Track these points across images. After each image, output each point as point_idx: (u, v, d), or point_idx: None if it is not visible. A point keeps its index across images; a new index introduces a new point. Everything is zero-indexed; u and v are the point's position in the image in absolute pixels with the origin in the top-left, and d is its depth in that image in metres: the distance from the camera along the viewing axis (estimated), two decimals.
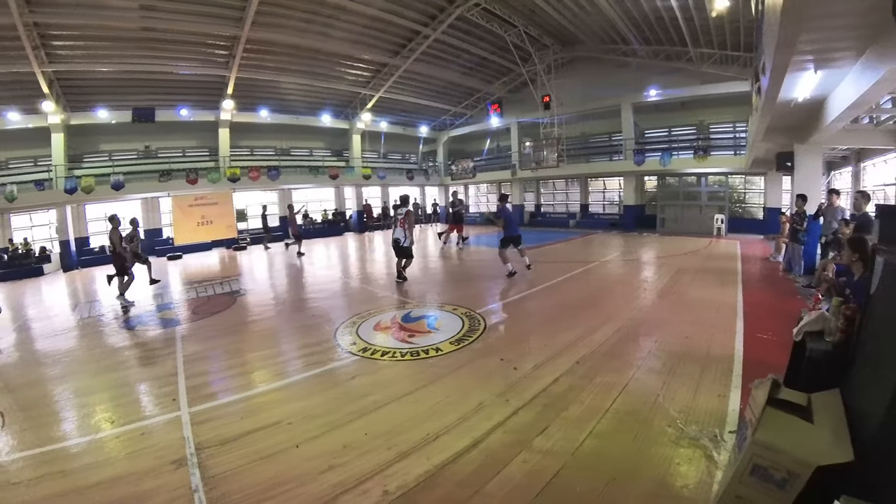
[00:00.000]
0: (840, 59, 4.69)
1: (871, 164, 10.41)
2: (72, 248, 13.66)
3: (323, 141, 21.52)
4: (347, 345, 4.58)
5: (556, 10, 14.27)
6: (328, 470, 2.40)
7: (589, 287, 7.11)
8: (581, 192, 19.73)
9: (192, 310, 6.64)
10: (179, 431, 2.88)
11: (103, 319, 6.37)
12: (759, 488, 1.75)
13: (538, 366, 3.83)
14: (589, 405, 3.08)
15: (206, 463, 2.50)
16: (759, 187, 15.52)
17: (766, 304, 5.86)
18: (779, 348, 3.99)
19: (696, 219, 15.95)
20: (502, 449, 2.58)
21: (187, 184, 15.29)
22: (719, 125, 16.23)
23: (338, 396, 3.35)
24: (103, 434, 2.90)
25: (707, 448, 2.54)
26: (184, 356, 4.45)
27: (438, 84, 19.90)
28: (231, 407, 3.24)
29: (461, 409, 3.08)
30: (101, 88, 14.27)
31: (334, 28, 14.18)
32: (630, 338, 4.53)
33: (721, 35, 12.83)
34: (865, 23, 3.51)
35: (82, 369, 4.27)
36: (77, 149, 15.20)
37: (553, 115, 17.83)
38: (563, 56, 17.79)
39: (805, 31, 3.61)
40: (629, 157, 16.50)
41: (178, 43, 13.01)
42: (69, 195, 13.21)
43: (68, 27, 11.28)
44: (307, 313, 6.07)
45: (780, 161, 9.55)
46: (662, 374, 3.59)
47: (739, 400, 3.09)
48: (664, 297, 6.23)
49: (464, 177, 22.56)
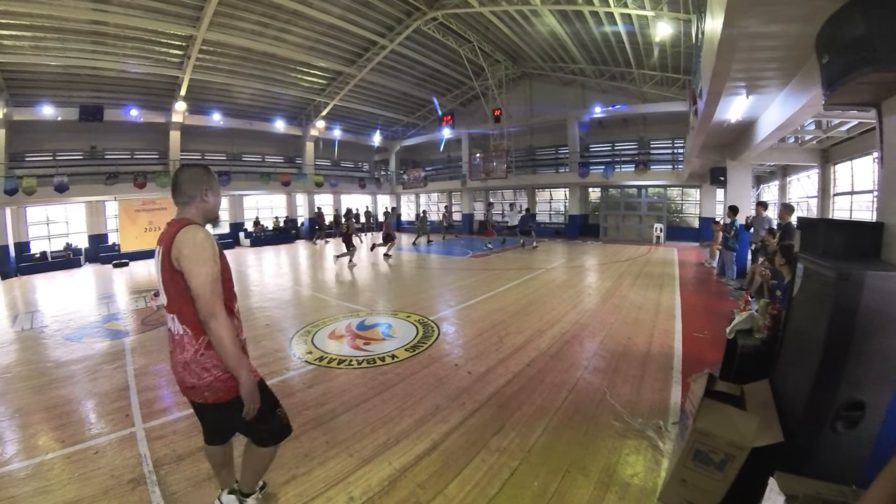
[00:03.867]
0: (769, 86, 5.17)
1: (795, 178, 11.45)
2: (10, 254, 12.61)
3: (275, 147, 21.13)
4: (303, 353, 4.57)
5: (510, 28, 14.78)
6: (290, 480, 2.42)
7: (536, 293, 7.37)
8: (528, 202, 20.36)
9: (141, 320, 6.35)
10: (135, 448, 2.80)
11: (45, 331, 5.96)
12: (701, 471, 1.95)
13: (491, 369, 4.00)
14: (540, 405, 3.26)
15: (166, 480, 2.46)
16: (694, 199, 16.62)
17: (701, 306, 6.33)
18: (713, 345, 4.37)
19: (637, 228, 17.06)
20: (461, 450, 2.69)
21: (135, 188, 14.54)
22: (659, 141, 17.35)
23: (295, 405, 3.34)
24: (53, 455, 2.76)
25: (652, 439, 2.76)
26: (134, 369, 4.28)
27: (393, 94, 20.09)
28: (187, 421, 3.15)
29: (419, 413, 3.18)
30: (46, 83, 13.31)
31: (291, 34, 13.98)
32: (576, 340, 4.79)
33: (663, 58, 13.73)
34: (791, 55, 3.94)
35: (25, 385, 4.00)
36: (18, 147, 14.08)
37: (503, 127, 18.47)
38: (514, 72, 18.48)
39: (738, 61, 4.00)
40: (574, 169, 17.31)
41: (130, 39, 12.35)
42: (9, 196, 12.22)
43: (14, 14, 10.41)
44: (259, 322, 5.96)
45: (714, 175, 10.32)
46: (608, 373, 3.84)
47: (680, 393, 3.37)
48: (607, 301, 6.59)
49: (415, 186, 22.77)
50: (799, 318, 2.07)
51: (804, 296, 2.04)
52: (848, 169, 8.47)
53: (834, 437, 1.74)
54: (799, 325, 2.06)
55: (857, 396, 1.69)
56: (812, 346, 1.82)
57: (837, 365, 1.69)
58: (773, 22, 3.17)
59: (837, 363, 1.69)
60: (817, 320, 1.81)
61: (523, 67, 18.36)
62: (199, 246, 1.71)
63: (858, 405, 1.69)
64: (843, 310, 1.66)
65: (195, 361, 1.76)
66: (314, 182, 19.85)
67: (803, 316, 2.02)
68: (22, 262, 13.04)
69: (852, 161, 8.22)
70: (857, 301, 1.64)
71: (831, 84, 2.17)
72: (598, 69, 16.21)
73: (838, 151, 8.63)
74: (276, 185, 18.44)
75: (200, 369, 1.76)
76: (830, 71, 2.18)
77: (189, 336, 1.76)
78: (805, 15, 2.91)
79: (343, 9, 13.15)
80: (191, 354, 1.76)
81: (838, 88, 2.12)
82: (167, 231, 1.77)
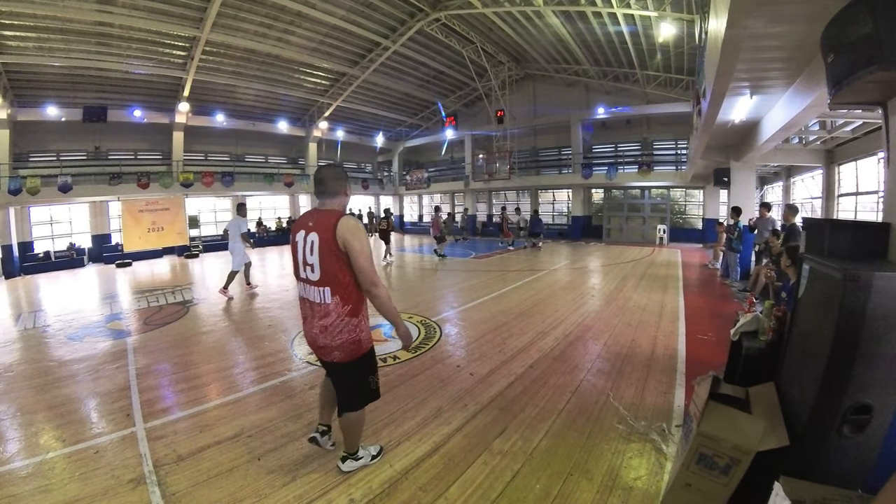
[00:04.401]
0: (773, 86, 5.16)
1: (799, 179, 11.39)
2: (14, 254, 12.65)
3: (278, 148, 21.21)
4: (304, 354, 4.56)
5: (513, 30, 14.79)
6: (291, 482, 2.41)
7: (539, 294, 7.34)
8: (531, 203, 20.37)
9: (143, 320, 6.36)
10: (136, 448, 2.79)
11: (48, 331, 5.98)
12: (705, 475, 1.91)
13: (493, 371, 3.98)
14: (543, 407, 3.24)
15: (166, 480, 2.45)
16: (698, 200, 16.60)
17: (705, 308, 6.30)
18: (718, 348, 4.34)
19: (640, 229, 17.02)
20: (462, 452, 2.67)
21: (138, 188, 14.60)
22: (662, 142, 17.33)
23: (297, 407, 3.34)
24: (54, 454, 2.76)
25: (656, 442, 2.73)
26: (136, 369, 4.28)
27: (396, 95, 20.15)
28: (188, 421, 3.16)
29: (420, 415, 3.17)
30: (51, 84, 13.43)
31: (295, 35, 14.05)
32: (579, 342, 4.77)
33: (666, 59, 13.70)
34: (796, 55, 3.92)
35: (27, 384, 4.00)
36: (23, 147, 14.20)
37: (506, 128, 18.45)
38: (517, 73, 18.47)
39: (742, 61, 3.99)
40: (577, 170, 17.30)
41: (134, 41, 12.46)
42: (13, 196, 12.27)
43: (20, 16, 10.50)
44: (262, 323, 5.96)
45: (718, 176, 10.28)
46: (611, 375, 3.81)
47: (684, 396, 3.34)
48: (611, 303, 6.57)
49: (418, 187, 22.80)
50: (805, 320, 2.04)
51: (810, 297, 2.01)
52: (852, 170, 8.42)
53: (840, 441, 1.72)
54: (805, 327, 2.03)
55: (863, 400, 1.66)
56: (818, 349, 1.79)
57: (844, 368, 1.66)
58: (777, 22, 3.16)
59: (844, 366, 1.66)
60: (824, 322, 1.78)
61: (526, 68, 18.37)
62: (360, 230, 2.16)
63: (865, 409, 1.67)
64: (850, 311, 1.64)
65: (334, 326, 2.18)
66: None
67: (809, 318, 1.99)
68: (25, 261, 13.12)
69: (857, 162, 8.17)
70: (864, 303, 1.61)
71: (837, 83, 2.14)
72: (602, 70, 16.20)
73: (843, 152, 8.58)
74: (280, 186, 18.48)
75: (337, 332, 2.18)
76: (836, 70, 2.16)
77: (336, 304, 2.16)
78: (810, 14, 2.90)
79: (346, 10, 13.19)
80: (332, 320, 2.17)
81: (844, 88, 2.09)
82: (320, 219, 2.17)
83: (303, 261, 2.21)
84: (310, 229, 2.18)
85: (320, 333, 2.21)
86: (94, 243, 15.32)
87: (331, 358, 2.25)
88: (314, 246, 2.15)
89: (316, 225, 2.16)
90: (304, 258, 2.20)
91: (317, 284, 2.18)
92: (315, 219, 2.19)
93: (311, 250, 2.16)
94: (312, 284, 2.21)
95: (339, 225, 2.10)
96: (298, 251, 2.24)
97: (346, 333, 2.19)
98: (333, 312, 2.16)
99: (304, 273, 2.23)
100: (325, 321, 2.18)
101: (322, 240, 2.12)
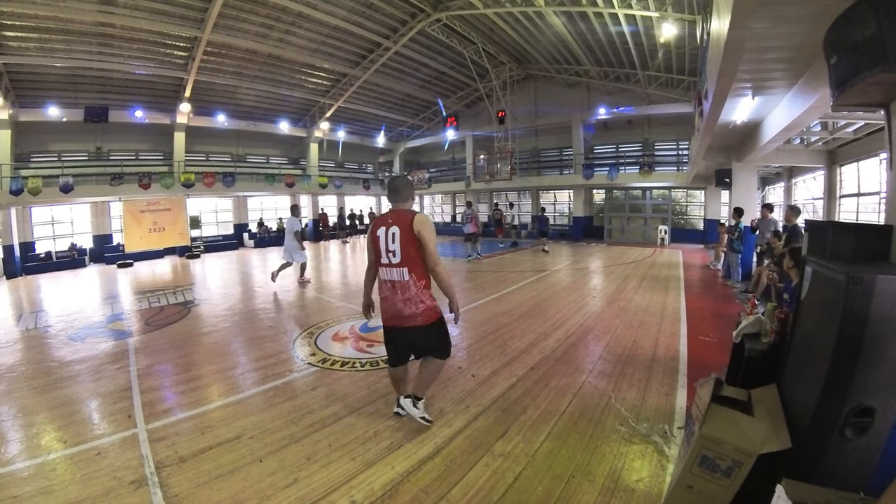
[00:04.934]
0: (775, 87, 5.14)
1: (801, 180, 11.38)
2: (16, 254, 12.67)
3: (280, 148, 21.23)
4: (306, 355, 4.56)
5: (514, 30, 14.79)
6: (293, 483, 2.41)
7: (541, 295, 7.33)
8: (533, 204, 20.36)
9: (145, 320, 6.37)
10: (137, 450, 2.79)
11: (49, 331, 6.00)
12: (707, 477, 1.91)
13: (495, 372, 3.97)
14: (545, 408, 3.24)
15: (168, 482, 2.45)
16: (699, 200, 16.59)
17: (706, 309, 6.29)
18: (719, 349, 4.33)
19: (641, 229, 17.01)
20: (464, 454, 2.67)
21: (139, 188, 14.62)
22: (663, 143, 17.33)
23: (298, 408, 3.34)
24: (55, 455, 2.77)
25: (658, 444, 2.72)
26: (137, 369, 4.29)
27: (397, 96, 20.17)
28: (190, 422, 3.17)
29: None
30: (52, 84, 13.49)
31: (296, 36, 14.07)
32: (581, 343, 4.77)
33: (668, 59, 13.69)
34: (799, 56, 3.91)
35: (28, 385, 4.01)
36: (24, 147, 14.24)
37: (507, 129, 18.42)
38: (519, 73, 18.46)
39: (745, 62, 3.97)
40: (578, 171, 17.29)
41: (136, 41, 12.50)
42: (14, 196, 12.28)
43: (22, 17, 10.53)
44: (263, 324, 5.96)
45: (719, 177, 10.26)
46: (613, 377, 3.81)
47: (686, 398, 3.33)
48: (612, 304, 6.56)
49: (419, 187, 22.82)
50: (807, 322, 2.03)
51: (813, 299, 2.00)
52: (854, 171, 8.40)
53: (842, 444, 1.71)
54: (807, 329, 2.02)
55: (866, 402, 1.66)
56: (821, 351, 1.79)
57: (846, 370, 1.66)
58: (780, 23, 3.15)
59: (846, 368, 1.66)
60: (826, 324, 1.78)
61: (528, 69, 18.36)
62: (430, 225, 2.83)
63: (867, 411, 1.66)
64: (852, 314, 1.63)
65: (415, 296, 2.80)
66: (318, 183, 19.90)
67: (812, 320, 1.98)
68: (27, 261, 13.15)
69: (859, 162, 8.16)
70: (867, 305, 1.61)
71: (840, 85, 2.14)
72: (603, 70, 16.19)
73: (845, 153, 8.57)
74: (281, 186, 18.48)
75: (419, 301, 2.80)
76: (839, 71, 2.15)
77: (414, 280, 2.79)
78: (813, 15, 2.89)
79: (347, 11, 13.21)
80: (413, 292, 2.79)
81: (847, 90, 2.09)
82: (398, 216, 2.81)
83: (385, 248, 2.80)
84: (390, 224, 2.80)
85: (404, 305, 2.80)
86: (96, 243, 15.36)
87: (416, 323, 2.83)
88: (395, 236, 2.76)
89: (396, 220, 2.79)
90: (387, 246, 2.79)
91: (398, 266, 2.78)
92: (394, 216, 2.83)
93: (392, 240, 2.77)
94: (394, 266, 2.80)
95: (414, 219, 2.76)
96: (381, 242, 2.82)
97: (423, 302, 2.81)
98: (413, 286, 2.79)
99: (386, 258, 2.82)
100: (408, 294, 2.79)
101: (402, 231, 2.74)
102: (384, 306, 2.91)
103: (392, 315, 2.87)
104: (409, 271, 2.77)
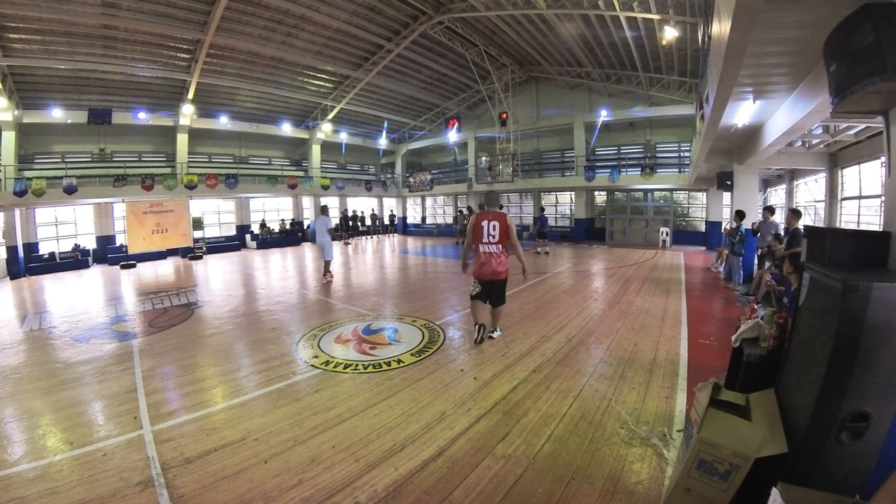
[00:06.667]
0: (777, 91, 5.15)
1: (803, 182, 11.36)
2: (20, 255, 12.74)
3: (282, 150, 21.29)
4: (309, 358, 4.59)
5: (516, 32, 14.82)
6: (297, 485, 2.44)
7: (542, 297, 7.35)
8: (534, 206, 20.34)
9: (148, 322, 6.41)
10: (143, 451, 2.83)
11: (54, 332, 6.04)
12: (705, 481, 1.93)
13: (496, 375, 4.00)
14: (546, 411, 3.26)
15: (174, 483, 2.48)
16: (701, 202, 16.55)
17: (707, 312, 6.30)
18: (719, 352, 4.35)
19: (643, 231, 17.02)
20: (466, 456, 2.69)
21: (143, 189, 14.69)
22: (665, 145, 17.30)
23: (302, 410, 3.37)
24: (62, 456, 2.80)
25: (657, 446, 2.74)
26: (142, 371, 4.32)
27: (399, 98, 20.21)
28: (195, 424, 3.20)
29: (424, 419, 3.19)
30: (56, 86, 13.57)
31: (298, 38, 14.12)
32: (582, 346, 4.79)
33: (669, 62, 13.70)
34: (800, 61, 3.93)
35: (33, 387, 4.05)
36: (28, 149, 14.33)
37: (509, 131, 18.44)
38: (520, 75, 18.49)
39: (746, 66, 3.99)
40: (580, 173, 17.30)
41: (139, 43, 12.57)
42: (18, 198, 12.35)
43: (25, 19, 10.60)
44: (266, 326, 5.99)
45: (721, 179, 10.26)
46: (613, 380, 3.83)
47: (685, 401, 3.35)
48: (613, 307, 6.57)
49: (421, 189, 22.86)
50: (805, 328, 2.05)
51: (810, 306, 2.03)
52: (856, 173, 8.40)
53: (838, 448, 1.74)
54: (805, 335, 2.04)
55: (862, 407, 1.68)
56: (818, 357, 1.81)
57: (843, 376, 1.68)
58: (781, 27, 3.17)
59: (843, 374, 1.68)
60: (823, 331, 1.80)
61: (529, 71, 18.39)
62: (512, 221, 4.74)
63: (863, 416, 1.69)
64: (849, 321, 1.66)
65: (503, 262, 4.68)
66: (321, 185, 19.96)
67: (809, 326, 2.01)
68: (31, 262, 13.22)
69: (860, 165, 8.15)
70: (863, 313, 1.63)
71: (839, 92, 2.17)
72: (605, 73, 16.21)
73: (846, 155, 8.56)
74: (283, 187, 18.54)
75: (504, 264, 4.70)
76: (838, 79, 2.18)
77: (502, 252, 4.68)
78: (813, 21, 2.91)
79: (350, 13, 13.26)
80: (503, 259, 4.68)
81: (846, 97, 2.12)
82: (496, 216, 4.67)
83: (487, 233, 4.60)
84: (491, 220, 4.62)
85: (498, 266, 4.63)
86: (99, 244, 15.43)
87: (501, 277, 4.70)
88: (496, 227, 4.60)
89: (495, 217, 4.65)
90: (489, 231, 4.60)
91: (495, 244, 4.62)
92: (492, 215, 4.66)
93: (493, 229, 4.60)
94: (492, 244, 4.63)
95: (507, 218, 4.68)
96: (484, 230, 4.62)
97: (505, 266, 4.71)
98: (503, 255, 4.68)
99: (486, 238, 4.62)
100: (500, 259, 4.65)
101: (500, 224, 4.62)
102: (483, 269, 4.65)
103: (489, 272, 4.63)
104: (502, 247, 4.63)
